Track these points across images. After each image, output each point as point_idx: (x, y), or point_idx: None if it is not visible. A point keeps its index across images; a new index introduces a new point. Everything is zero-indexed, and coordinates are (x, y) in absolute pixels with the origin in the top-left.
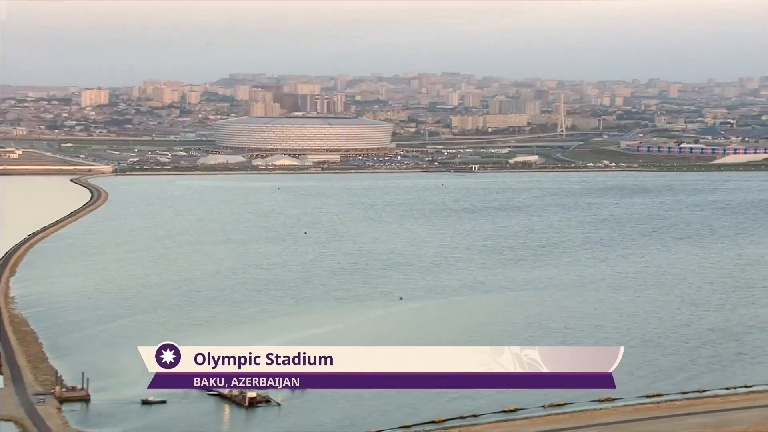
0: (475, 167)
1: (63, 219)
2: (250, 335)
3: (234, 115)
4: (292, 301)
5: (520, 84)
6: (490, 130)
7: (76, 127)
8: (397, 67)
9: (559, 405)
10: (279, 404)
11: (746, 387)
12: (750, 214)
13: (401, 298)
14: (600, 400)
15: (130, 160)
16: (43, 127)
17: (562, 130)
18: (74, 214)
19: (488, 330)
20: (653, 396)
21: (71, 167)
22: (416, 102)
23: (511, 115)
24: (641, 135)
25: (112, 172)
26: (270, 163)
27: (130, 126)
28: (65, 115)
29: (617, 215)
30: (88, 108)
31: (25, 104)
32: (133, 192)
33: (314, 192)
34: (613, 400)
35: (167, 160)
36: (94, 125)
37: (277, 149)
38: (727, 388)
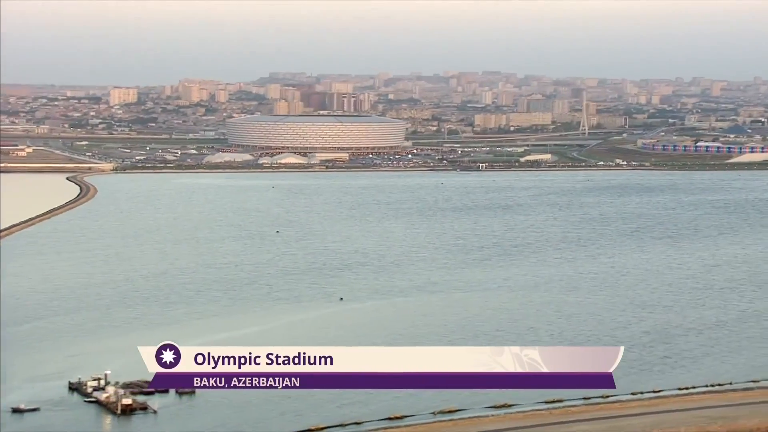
0: (482, 166)
1: (36, 217)
2: (163, 338)
3: (259, 113)
4: (228, 301)
5: (559, 82)
6: (512, 128)
7: (99, 126)
8: (441, 66)
9: (450, 411)
10: (155, 411)
11: (654, 392)
12: (744, 214)
13: (341, 299)
14: (495, 407)
15: (138, 158)
16: (66, 125)
17: (584, 129)
18: (50, 212)
19: (416, 332)
20: (553, 402)
21: (73, 165)
22: (449, 100)
23: (536, 114)
24: (662, 133)
25: (113, 170)
26: (275, 162)
27: (153, 124)
28: (93, 113)
29: (607, 214)
30: (116, 107)
31: (56, 103)
32: (123, 190)
33: (308, 190)
34: (510, 406)
35: (174, 158)
36: (117, 124)
37: (287, 147)
38: (633, 393)
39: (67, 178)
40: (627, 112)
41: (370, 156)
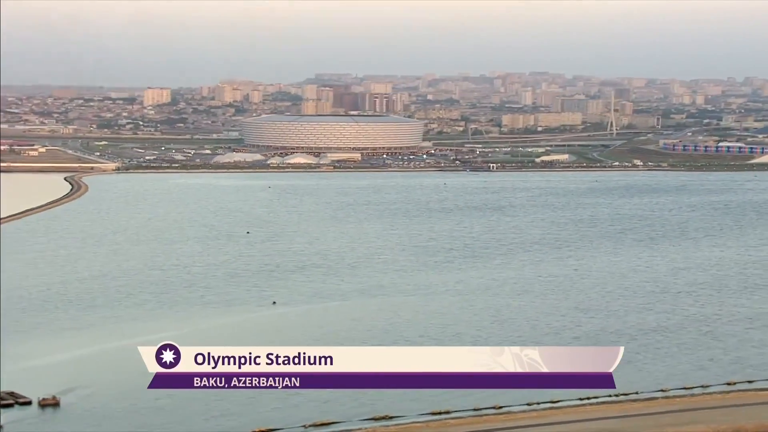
0: (493, 166)
1: (7, 217)
2: (60, 345)
3: (288, 113)
4: (155, 305)
5: (606, 83)
6: (539, 129)
7: (126, 126)
8: (490, 67)
9: (323, 424)
10: (1, 427)
11: (551, 402)
12: (739, 216)
13: (274, 303)
14: (375, 419)
15: (147, 157)
16: (93, 126)
17: (612, 129)
18: (25, 212)
19: (335, 338)
20: (440, 413)
21: (78, 165)
22: (488, 101)
23: (565, 114)
24: (690, 134)
25: (114, 169)
26: (283, 162)
27: (182, 125)
28: (125, 114)
29: (597, 216)
30: (148, 107)
31: (90, 104)
32: (114, 189)
33: (303, 190)
34: (391, 418)
35: (183, 158)
36: (145, 124)
37: (301, 147)
38: (528, 404)
39: (65, 178)
40: (666, 112)
41: (384, 156)
